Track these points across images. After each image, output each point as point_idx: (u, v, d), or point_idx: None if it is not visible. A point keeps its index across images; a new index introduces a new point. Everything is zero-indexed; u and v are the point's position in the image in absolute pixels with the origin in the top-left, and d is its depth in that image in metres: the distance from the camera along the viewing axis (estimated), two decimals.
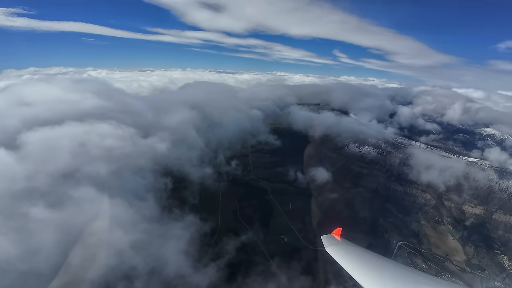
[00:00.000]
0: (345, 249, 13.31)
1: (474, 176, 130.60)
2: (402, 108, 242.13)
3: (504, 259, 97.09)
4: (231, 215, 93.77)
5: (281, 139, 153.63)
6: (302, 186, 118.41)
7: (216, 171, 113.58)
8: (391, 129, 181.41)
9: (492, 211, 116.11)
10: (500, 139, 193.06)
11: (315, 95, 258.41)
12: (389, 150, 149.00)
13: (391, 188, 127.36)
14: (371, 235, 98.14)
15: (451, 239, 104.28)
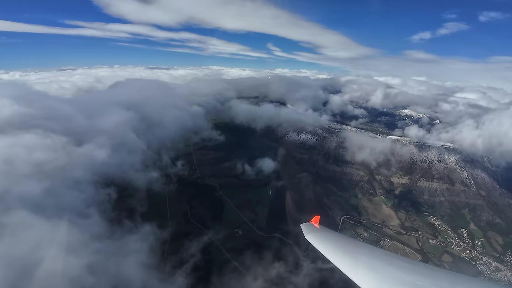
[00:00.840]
0: (323, 236, 13.82)
1: (398, 151, 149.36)
2: (333, 96, 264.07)
3: (433, 219, 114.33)
4: (181, 217, 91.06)
5: (225, 134, 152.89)
6: (251, 178, 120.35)
7: (161, 173, 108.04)
8: (325, 116, 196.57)
9: (416, 179, 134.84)
10: (416, 118, 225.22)
11: (254, 88, 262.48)
12: (325, 135, 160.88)
13: (330, 170, 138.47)
14: (318, 214, 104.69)
15: (385, 207, 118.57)
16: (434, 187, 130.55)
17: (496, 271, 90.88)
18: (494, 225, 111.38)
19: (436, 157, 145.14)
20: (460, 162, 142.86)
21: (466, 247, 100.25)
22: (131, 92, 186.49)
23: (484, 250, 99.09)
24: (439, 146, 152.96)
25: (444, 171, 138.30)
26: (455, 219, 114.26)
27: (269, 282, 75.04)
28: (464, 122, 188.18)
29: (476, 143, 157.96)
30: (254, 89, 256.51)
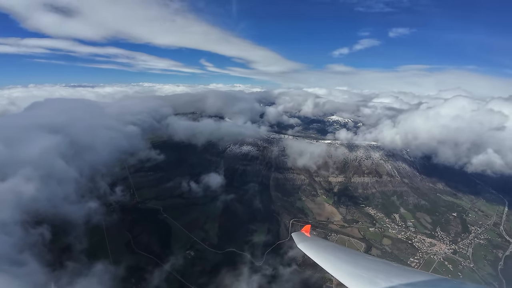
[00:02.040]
0: (315, 244, 14.25)
1: (332, 153, 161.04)
2: (269, 108, 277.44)
3: (369, 210, 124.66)
4: (124, 249, 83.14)
5: (164, 153, 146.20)
6: (198, 195, 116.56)
7: (98, 203, 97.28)
8: (264, 127, 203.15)
9: (350, 176, 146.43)
10: (343, 123, 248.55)
11: (190, 103, 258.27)
12: (265, 145, 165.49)
13: (274, 177, 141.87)
14: (268, 221, 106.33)
15: (327, 205, 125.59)
16: (365, 181, 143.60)
17: (431, 246, 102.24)
18: (421, 206, 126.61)
19: (364, 155, 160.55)
20: (384, 157, 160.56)
21: (400, 229, 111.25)
22: (52, 113, 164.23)
23: (416, 229, 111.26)
24: (365, 145, 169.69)
25: (372, 166, 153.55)
26: (387, 207, 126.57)
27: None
28: (383, 123, 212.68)
29: (395, 139, 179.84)
30: (190, 104, 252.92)
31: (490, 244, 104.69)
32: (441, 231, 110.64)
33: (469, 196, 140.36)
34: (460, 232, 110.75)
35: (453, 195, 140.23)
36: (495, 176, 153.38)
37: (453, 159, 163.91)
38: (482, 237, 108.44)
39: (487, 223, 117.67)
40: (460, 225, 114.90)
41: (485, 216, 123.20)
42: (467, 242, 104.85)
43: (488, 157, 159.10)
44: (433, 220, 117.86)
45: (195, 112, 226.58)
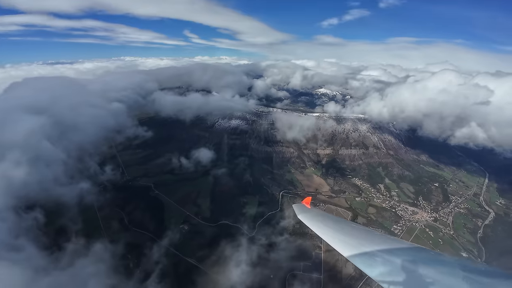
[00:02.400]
0: (315, 216, 14.48)
1: (321, 126, 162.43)
2: (257, 81, 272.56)
3: (356, 180, 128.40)
4: (118, 226, 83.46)
5: (152, 129, 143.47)
6: (190, 171, 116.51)
7: (88, 182, 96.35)
8: (252, 101, 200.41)
9: (338, 149, 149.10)
10: (332, 96, 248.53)
11: (176, 78, 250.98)
12: (254, 119, 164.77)
13: (263, 151, 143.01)
14: (258, 194, 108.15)
15: (316, 177, 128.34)
16: (352, 153, 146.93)
17: (413, 214, 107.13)
18: (404, 177, 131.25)
19: (351, 127, 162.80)
20: (371, 129, 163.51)
21: (385, 198, 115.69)
22: (33, 93, 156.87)
23: (400, 199, 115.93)
24: (353, 118, 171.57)
25: (359, 138, 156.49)
26: (372, 177, 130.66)
27: (226, 267, 75.14)
28: (371, 96, 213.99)
29: (382, 112, 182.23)
30: (176, 78, 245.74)
31: (470, 213, 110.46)
32: (423, 200, 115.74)
33: (451, 168, 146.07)
34: (441, 201, 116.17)
35: (436, 166, 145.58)
36: (477, 149, 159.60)
37: (437, 132, 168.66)
38: (462, 207, 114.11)
39: (467, 194, 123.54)
40: (441, 194, 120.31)
41: (466, 187, 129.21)
42: (447, 211, 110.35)
43: (471, 130, 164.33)
44: (416, 190, 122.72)
45: (181, 87, 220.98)
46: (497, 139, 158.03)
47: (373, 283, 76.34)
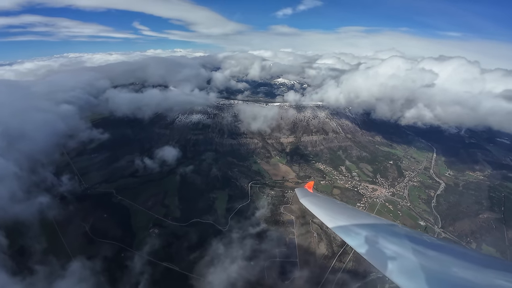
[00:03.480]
0: (316, 200, 14.57)
1: (283, 115, 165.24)
2: (215, 73, 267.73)
3: (319, 165, 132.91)
4: (82, 240, 77.80)
5: (108, 131, 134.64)
6: (154, 171, 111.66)
7: (46, 196, 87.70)
8: (212, 94, 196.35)
9: (300, 136, 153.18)
10: (290, 85, 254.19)
11: (128, 73, 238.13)
12: (215, 112, 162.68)
13: (227, 144, 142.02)
14: (227, 187, 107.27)
15: (282, 165, 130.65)
16: (314, 139, 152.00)
17: (373, 191, 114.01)
18: (362, 158, 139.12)
19: (311, 115, 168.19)
20: (329, 115, 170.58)
21: (347, 179, 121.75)
22: None
23: (360, 178, 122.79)
24: (312, 105, 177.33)
25: (319, 125, 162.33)
26: (334, 160, 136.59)
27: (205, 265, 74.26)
28: (327, 83, 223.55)
29: (339, 98, 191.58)
30: (129, 74, 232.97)
31: (423, 186, 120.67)
32: (380, 178, 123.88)
33: (402, 146, 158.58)
34: (397, 177, 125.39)
35: (389, 146, 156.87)
36: (425, 127, 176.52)
37: (389, 114, 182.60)
38: (415, 180, 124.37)
39: (419, 168, 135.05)
40: (396, 171, 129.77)
41: (417, 162, 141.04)
42: (403, 185, 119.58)
43: (419, 111, 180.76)
44: (373, 168, 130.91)
45: (135, 83, 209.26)
46: (442, 118, 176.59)
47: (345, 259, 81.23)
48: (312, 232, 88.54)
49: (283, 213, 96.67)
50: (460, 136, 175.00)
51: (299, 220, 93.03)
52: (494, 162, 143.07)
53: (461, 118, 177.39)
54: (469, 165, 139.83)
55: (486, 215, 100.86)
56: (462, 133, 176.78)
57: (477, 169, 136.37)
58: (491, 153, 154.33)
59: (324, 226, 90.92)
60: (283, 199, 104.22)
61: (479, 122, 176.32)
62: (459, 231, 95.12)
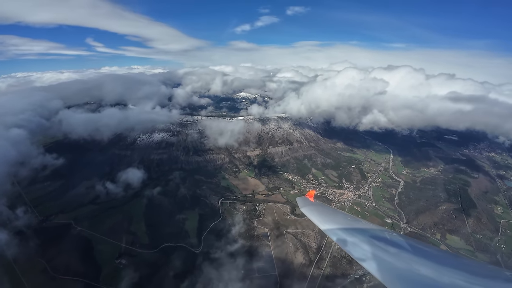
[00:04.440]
0: (316, 209, 14.94)
1: (247, 129, 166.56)
2: (177, 90, 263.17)
3: (287, 175, 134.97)
4: (41, 278, 69.96)
5: (63, 155, 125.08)
6: (117, 196, 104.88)
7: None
8: (175, 111, 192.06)
9: (266, 148, 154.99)
10: (252, 99, 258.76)
11: (83, 92, 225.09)
12: (179, 130, 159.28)
13: (194, 161, 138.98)
14: (197, 207, 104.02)
15: (250, 178, 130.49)
16: (280, 150, 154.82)
17: (340, 195, 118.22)
18: (327, 164, 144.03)
19: (275, 126, 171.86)
20: (292, 126, 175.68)
21: (315, 186, 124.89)
22: None
23: (327, 184, 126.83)
24: (276, 117, 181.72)
25: (283, 136, 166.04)
26: (301, 169, 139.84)
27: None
28: (288, 95, 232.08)
29: (301, 109, 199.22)
30: (84, 93, 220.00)
31: (385, 185, 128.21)
32: (346, 182, 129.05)
33: (362, 150, 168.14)
34: (360, 179, 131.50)
35: (350, 151, 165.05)
36: (381, 131, 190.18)
37: (347, 121, 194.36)
38: (377, 181, 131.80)
39: (379, 169, 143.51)
40: (359, 174, 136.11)
41: (377, 164, 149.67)
42: (366, 187, 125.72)
43: (374, 116, 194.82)
44: (338, 174, 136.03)
45: (91, 102, 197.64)
46: (395, 121, 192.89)
47: (322, 265, 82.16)
48: (288, 243, 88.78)
49: (256, 227, 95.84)
50: (412, 137, 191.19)
51: (274, 232, 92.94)
52: (445, 158, 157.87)
53: (412, 121, 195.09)
54: (423, 162, 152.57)
55: (445, 207, 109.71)
56: (414, 134, 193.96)
57: (430, 165, 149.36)
58: (442, 149, 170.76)
59: (298, 235, 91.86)
60: (255, 212, 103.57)
61: (428, 122, 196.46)
62: (422, 224, 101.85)
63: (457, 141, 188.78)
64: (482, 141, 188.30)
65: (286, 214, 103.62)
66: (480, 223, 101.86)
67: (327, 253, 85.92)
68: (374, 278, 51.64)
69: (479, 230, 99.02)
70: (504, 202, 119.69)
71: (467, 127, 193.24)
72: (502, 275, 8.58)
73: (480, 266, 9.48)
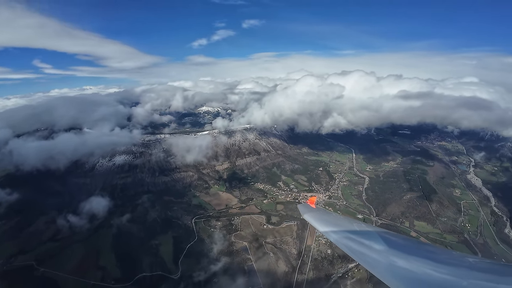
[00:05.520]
0: (318, 215, 14.73)
1: (213, 143, 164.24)
2: (135, 109, 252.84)
3: (258, 185, 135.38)
4: None
5: (16, 190, 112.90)
6: (83, 229, 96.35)
7: None
8: (136, 131, 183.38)
9: (234, 161, 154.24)
10: (215, 112, 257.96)
11: (33, 118, 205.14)
12: (142, 150, 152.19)
13: (161, 182, 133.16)
14: (169, 229, 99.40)
15: (222, 193, 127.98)
16: (248, 161, 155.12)
17: None
18: (296, 170, 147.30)
19: (241, 138, 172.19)
20: (258, 136, 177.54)
21: (287, 193, 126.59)
22: None
23: (298, 189, 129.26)
24: (241, 129, 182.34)
25: (250, 146, 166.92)
26: (271, 178, 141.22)
27: None
28: (251, 106, 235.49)
29: (265, 119, 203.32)
30: (34, 119, 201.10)
31: (351, 183, 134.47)
32: (315, 185, 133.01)
33: (326, 152, 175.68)
34: (329, 181, 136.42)
35: (316, 154, 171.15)
36: (342, 132, 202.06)
37: (310, 126, 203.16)
38: (344, 180, 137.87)
39: (344, 169, 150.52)
40: (327, 176, 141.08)
41: (341, 164, 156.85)
42: (335, 187, 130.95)
43: (334, 119, 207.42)
44: (307, 178, 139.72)
45: (42, 129, 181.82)
46: (354, 122, 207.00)
47: (305, 269, 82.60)
48: (268, 253, 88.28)
49: (235, 241, 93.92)
50: (370, 135, 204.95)
51: (253, 245, 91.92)
52: (402, 151, 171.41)
53: (369, 120, 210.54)
54: (383, 157, 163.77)
55: (409, 196, 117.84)
56: (372, 132, 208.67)
57: (390, 159, 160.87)
58: (397, 144, 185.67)
59: (278, 244, 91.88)
60: (231, 227, 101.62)
61: (383, 120, 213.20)
62: (391, 215, 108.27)
63: (410, 134, 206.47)
64: (432, 132, 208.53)
65: (262, 224, 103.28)
66: (443, 206, 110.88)
67: (308, 257, 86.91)
68: (356, 273, 53.53)
69: (443, 213, 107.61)
70: (461, 185, 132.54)
71: (418, 121, 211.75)
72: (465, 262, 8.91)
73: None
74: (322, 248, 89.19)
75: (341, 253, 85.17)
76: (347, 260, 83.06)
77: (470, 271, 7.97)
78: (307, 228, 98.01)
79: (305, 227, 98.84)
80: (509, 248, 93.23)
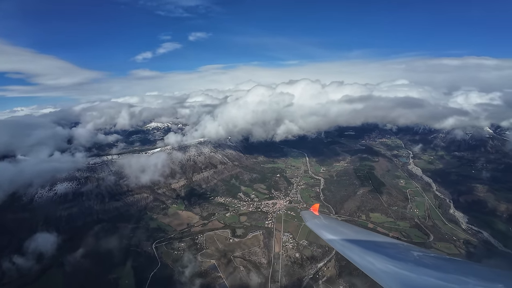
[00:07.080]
0: (322, 222, 14.97)
1: (166, 160, 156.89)
2: (76, 130, 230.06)
3: (219, 199, 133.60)
4: None
5: None
6: (33, 270, 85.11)
7: None
8: (79, 154, 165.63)
9: (190, 176, 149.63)
10: (166, 128, 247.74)
11: None
12: (87, 175, 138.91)
13: (112, 208, 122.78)
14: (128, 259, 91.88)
15: (182, 212, 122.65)
16: (205, 176, 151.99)
17: (274, 206, 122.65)
18: (254, 179, 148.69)
19: (196, 152, 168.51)
20: (213, 149, 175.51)
21: (248, 203, 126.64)
22: None
23: (259, 198, 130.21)
24: (195, 143, 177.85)
25: (206, 160, 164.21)
26: (230, 190, 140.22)
27: None
28: (204, 119, 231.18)
29: (219, 131, 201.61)
30: None
31: (308, 186, 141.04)
32: (275, 191, 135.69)
33: (281, 159, 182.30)
34: (287, 186, 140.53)
35: (272, 162, 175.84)
36: (294, 138, 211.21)
37: (264, 134, 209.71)
38: (301, 184, 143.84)
39: (300, 173, 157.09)
40: (285, 181, 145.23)
41: (297, 169, 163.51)
42: (294, 191, 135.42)
43: (286, 126, 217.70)
44: (266, 186, 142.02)
45: None
46: (305, 127, 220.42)
47: (277, 277, 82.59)
48: (238, 267, 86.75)
49: (202, 261, 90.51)
50: (320, 138, 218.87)
51: (221, 261, 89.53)
52: (349, 150, 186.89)
53: (319, 124, 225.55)
54: (333, 158, 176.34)
55: (361, 191, 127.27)
56: (322, 136, 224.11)
57: (340, 160, 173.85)
58: (345, 144, 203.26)
59: (246, 256, 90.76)
60: (196, 246, 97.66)
61: (331, 124, 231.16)
62: (348, 211, 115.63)
63: (355, 134, 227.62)
64: (373, 131, 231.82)
65: (228, 238, 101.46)
66: (392, 196, 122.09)
67: (278, 264, 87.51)
68: (326, 271, 55.34)
69: (393, 202, 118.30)
70: (404, 175, 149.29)
71: (362, 122, 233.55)
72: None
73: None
74: (290, 253, 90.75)
75: (309, 255, 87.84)
76: (316, 260, 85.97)
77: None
78: (273, 236, 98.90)
79: (271, 235, 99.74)
80: (457, 226, 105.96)
